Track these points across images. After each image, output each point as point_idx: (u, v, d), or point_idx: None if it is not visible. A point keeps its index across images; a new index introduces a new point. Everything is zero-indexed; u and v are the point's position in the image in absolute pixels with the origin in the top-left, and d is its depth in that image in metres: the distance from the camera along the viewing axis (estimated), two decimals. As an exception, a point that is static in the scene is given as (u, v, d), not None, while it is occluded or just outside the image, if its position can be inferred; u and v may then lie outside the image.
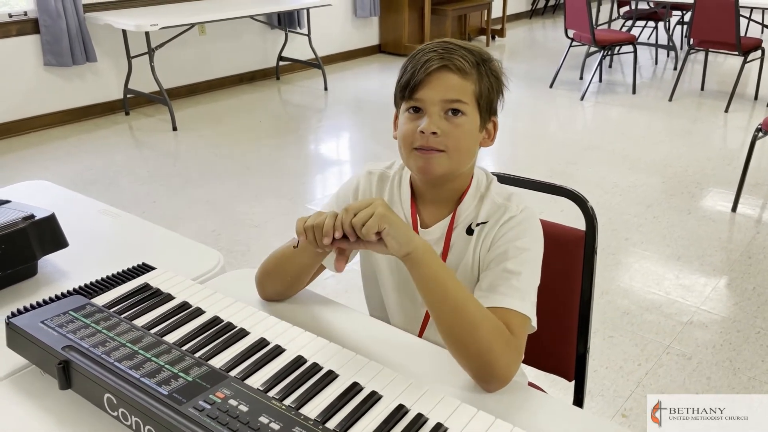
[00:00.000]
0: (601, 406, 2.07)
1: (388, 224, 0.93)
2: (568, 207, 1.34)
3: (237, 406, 0.83)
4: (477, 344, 0.96)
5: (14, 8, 4.42)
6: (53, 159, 4.13)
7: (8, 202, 1.33)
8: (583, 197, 1.28)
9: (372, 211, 0.93)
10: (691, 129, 4.77)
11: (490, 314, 0.99)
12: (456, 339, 0.98)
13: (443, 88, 1.04)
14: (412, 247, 0.96)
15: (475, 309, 0.98)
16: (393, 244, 0.94)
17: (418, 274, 0.98)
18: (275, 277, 1.18)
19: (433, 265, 0.98)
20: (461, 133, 1.06)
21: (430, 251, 0.98)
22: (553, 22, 8.98)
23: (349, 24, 6.68)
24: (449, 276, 0.99)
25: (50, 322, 0.99)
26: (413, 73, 1.06)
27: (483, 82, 1.07)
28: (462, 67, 1.04)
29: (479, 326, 0.97)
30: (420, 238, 0.98)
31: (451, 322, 0.97)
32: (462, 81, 1.05)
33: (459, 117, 1.05)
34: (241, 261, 2.91)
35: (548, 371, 1.39)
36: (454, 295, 0.97)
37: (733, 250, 3.01)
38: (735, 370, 2.23)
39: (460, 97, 1.05)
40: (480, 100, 1.07)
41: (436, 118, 1.05)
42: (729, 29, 4.78)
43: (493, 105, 1.10)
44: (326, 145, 4.66)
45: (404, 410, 0.85)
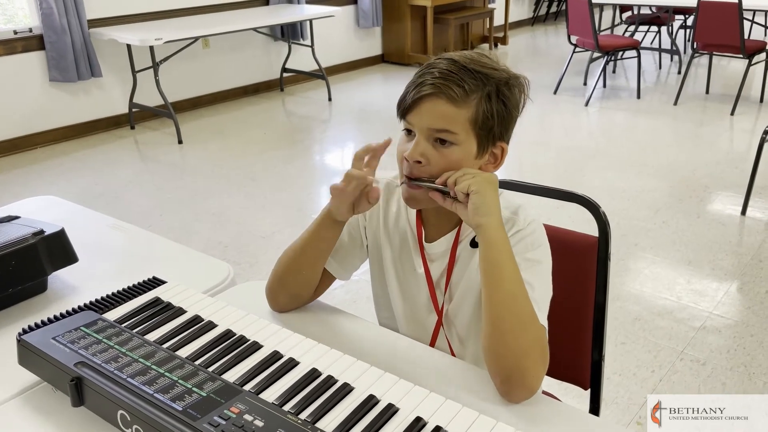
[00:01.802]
0: (615, 414, 2.04)
1: (478, 189, 0.98)
2: (575, 213, 1.33)
3: (252, 421, 0.82)
4: (518, 345, 0.95)
5: (19, 25, 4.45)
6: (60, 174, 4.14)
7: (17, 218, 1.33)
8: (595, 203, 1.27)
9: (475, 173, 1.00)
10: (697, 133, 4.75)
11: (537, 320, 0.98)
12: (499, 334, 0.96)
13: (432, 116, 1.02)
14: (485, 220, 0.98)
15: (526, 308, 0.97)
16: (471, 208, 0.98)
17: (483, 252, 0.99)
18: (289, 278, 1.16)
19: (498, 248, 0.98)
20: (447, 164, 1.03)
21: (501, 235, 0.99)
22: (555, 29, 8.99)
23: (352, 34, 6.70)
24: (511, 266, 0.98)
25: (62, 339, 0.98)
26: (406, 94, 1.04)
27: (482, 108, 1.01)
28: (454, 96, 1.00)
29: (526, 327, 0.96)
30: (498, 219, 1.00)
31: (500, 314, 0.97)
32: (454, 109, 1.00)
33: (447, 147, 1.03)
34: (250, 273, 2.91)
35: (563, 380, 1.37)
36: (510, 286, 0.97)
37: (743, 254, 2.99)
38: (750, 375, 2.20)
39: (449, 127, 1.01)
40: (476, 127, 1.02)
41: (423, 145, 1.03)
42: (733, 32, 4.77)
43: (493, 131, 1.04)
44: (331, 155, 4.66)
45: (422, 423, 0.84)
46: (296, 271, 1.16)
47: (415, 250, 1.16)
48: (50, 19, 4.35)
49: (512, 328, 0.96)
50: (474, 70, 1.02)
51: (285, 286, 1.18)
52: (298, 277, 1.16)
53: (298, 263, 1.15)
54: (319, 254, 1.15)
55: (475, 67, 1.02)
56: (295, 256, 1.15)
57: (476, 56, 1.05)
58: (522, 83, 1.08)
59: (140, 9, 4.91)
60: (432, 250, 1.15)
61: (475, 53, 1.06)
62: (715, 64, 6.05)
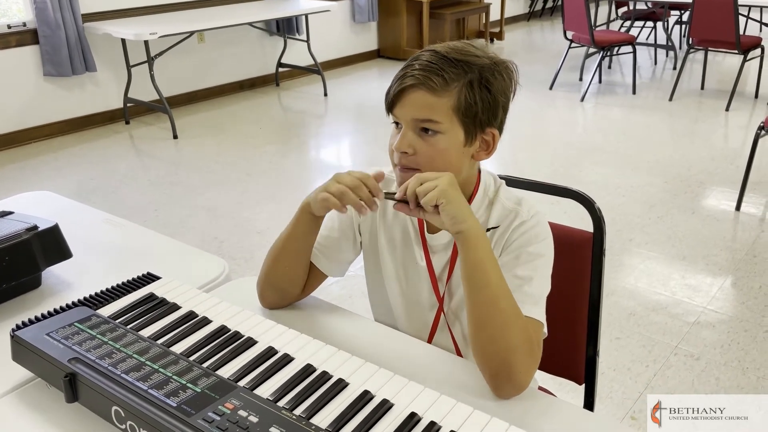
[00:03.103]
0: (609, 409, 2.05)
1: (447, 200, 0.96)
2: (570, 209, 1.33)
3: (247, 417, 0.82)
4: (504, 342, 0.95)
5: (13, 19, 4.42)
6: (54, 169, 4.13)
7: (11, 213, 1.32)
8: (590, 199, 1.27)
9: (436, 184, 0.96)
10: (692, 128, 4.76)
11: (522, 316, 0.99)
12: (485, 333, 0.97)
13: (414, 107, 1.03)
14: (464, 227, 0.97)
15: (511, 306, 0.98)
16: (446, 219, 0.97)
17: (464, 256, 0.99)
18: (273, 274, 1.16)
19: (480, 251, 0.98)
20: (435, 152, 1.03)
21: (482, 237, 0.99)
22: (551, 24, 8.98)
23: (348, 29, 6.68)
24: (493, 267, 0.98)
25: (56, 335, 0.98)
26: (390, 88, 1.05)
27: (464, 95, 1.01)
28: (434, 85, 1.00)
29: (511, 324, 0.96)
30: (475, 221, 0.99)
31: (485, 314, 0.97)
32: (435, 99, 1.01)
33: (433, 136, 1.03)
34: (245, 268, 2.90)
35: (558, 375, 1.37)
36: (494, 287, 0.97)
37: (738, 250, 3.00)
38: (744, 369, 2.21)
39: (431, 116, 1.02)
40: (460, 114, 1.02)
41: (410, 136, 1.04)
42: (728, 28, 4.78)
43: (478, 117, 1.04)
44: (327, 150, 4.66)
45: (417, 418, 0.84)
46: (279, 267, 1.16)
47: (417, 242, 1.16)
48: (44, 14, 4.33)
49: (498, 327, 0.96)
50: (455, 59, 1.02)
51: (270, 282, 1.18)
52: (282, 272, 1.16)
53: (279, 259, 1.15)
54: (300, 248, 1.15)
55: (456, 56, 1.03)
56: (277, 251, 1.15)
57: (460, 45, 1.05)
58: (509, 68, 1.07)
59: (135, 3, 4.89)
60: (434, 242, 1.14)
61: (459, 43, 1.06)
62: (711, 60, 6.06)
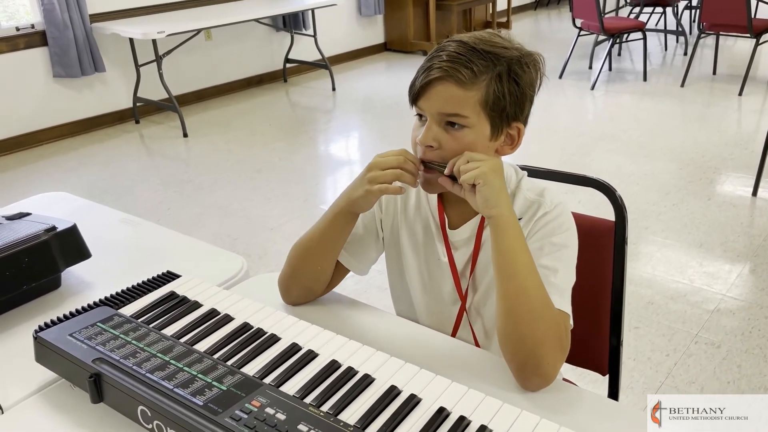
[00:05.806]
0: (631, 399, 2.03)
1: (484, 181, 0.96)
2: (585, 198, 1.31)
3: (274, 415, 0.81)
4: (532, 334, 0.94)
5: (21, 21, 4.43)
6: (66, 170, 4.14)
7: (29, 215, 1.32)
8: (611, 187, 1.26)
9: (479, 165, 0.97)
10: (705, 114, 4.71)
11: (553, 308, 0.97)
12: (513, 324, 0.95)
13: (441, 101, 1.00)
14: (496, 212, 0.97)
15: (541, 297, 0.96)
16: (480, 201, 0.97)
17: (495, 242, 0.98)
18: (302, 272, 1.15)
19: (511, 238, 0.97)
20: (460, 147, 1.01)
21: (513, 225, 0.98)
22: (558, 13, 8.91)
23: (355, 23, 6.66)
24: (524, 256, 0.97)
25: (79, 335, 0.97)
26: (416, 79, 1.03)
27: (493, 89, 0.99)
28: (462, 78, 0.97)
29: (540, 316, 0.95)
30: (509, 209, 0.98)
31: (514, 304, 0.96)
32: (463, 92, 0.98)
33: (459, 130, 1.01)
34: (259, 264, 2.90)
35: (581, 366, 1.36)
36: (524, 276, 0.96)
37: (756, 235, 2.96)
38: (765, 356, 2.19)
39: (458, 111, 1.00)
40: (488, 109, 1.00)
41: (435, 129, 1.02)
42: (740, 11, 4.72)
43: (506, 111, 1.01)
44: (336, 145, 4.65)
45: (446, 413, 0.83)
46: (310, 264, 1.15)
47: (439, 238, 1.14)
48: (52, 15, 4.33)
49: (526, 318, 0.95)
50: (483, 51, 0.99)
51: (298, 279, 1.16)
52: (313, 270, 1.15)
53: (312, 256, 1.14)
54: (334, 246, 1.14)
55: (485, 47, 1.00)
56: (310, 248, 1.14)
57: (486, 36, 1.02)
58: (536, 60, 1.04)
59: (142, 2, 4.88)
60: (456, 238, 1.13)
61: (486, 33, 1.04)
62: (722, 45, 5.99)
